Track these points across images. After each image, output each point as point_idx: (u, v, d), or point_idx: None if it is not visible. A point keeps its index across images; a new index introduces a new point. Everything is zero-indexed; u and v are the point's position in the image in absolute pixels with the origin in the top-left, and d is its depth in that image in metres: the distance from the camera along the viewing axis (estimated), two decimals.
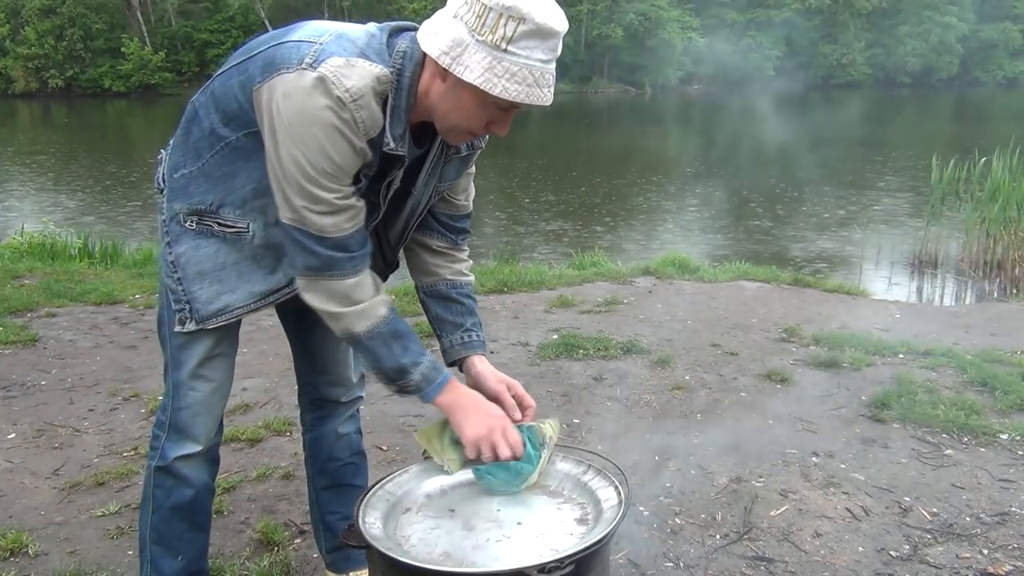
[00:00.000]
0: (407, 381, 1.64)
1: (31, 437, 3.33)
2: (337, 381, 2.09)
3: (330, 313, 1.61)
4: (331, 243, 1.55)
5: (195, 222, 1.70)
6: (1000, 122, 23.98)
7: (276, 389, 3.79)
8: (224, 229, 1.69)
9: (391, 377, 1.65)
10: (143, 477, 1.88)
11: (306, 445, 2.18)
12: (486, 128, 1.58)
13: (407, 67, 1.52)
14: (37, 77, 43.93)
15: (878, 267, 8.70)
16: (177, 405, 1.80)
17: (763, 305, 5.29)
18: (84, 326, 4.84)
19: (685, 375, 4.01)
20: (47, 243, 7.40)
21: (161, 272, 1.78)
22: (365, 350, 1.64)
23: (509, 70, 1.44)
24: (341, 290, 1.59)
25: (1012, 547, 2.53)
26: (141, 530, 1.89)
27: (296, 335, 2.05)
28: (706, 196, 13.59)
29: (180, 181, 1.70)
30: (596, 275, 6.18)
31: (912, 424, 3.40)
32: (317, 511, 2.21)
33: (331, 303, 1.60)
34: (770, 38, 50.62)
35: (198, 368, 1.78)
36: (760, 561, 2.46)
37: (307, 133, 1.47)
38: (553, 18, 1.45)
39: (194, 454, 1.83)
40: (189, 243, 1.71)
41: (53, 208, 12.73)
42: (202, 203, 1.68)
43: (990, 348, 4.36)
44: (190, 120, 1.69)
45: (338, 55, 1.47)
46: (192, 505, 1.87)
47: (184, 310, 1.74)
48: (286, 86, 1.47)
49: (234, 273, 1.72)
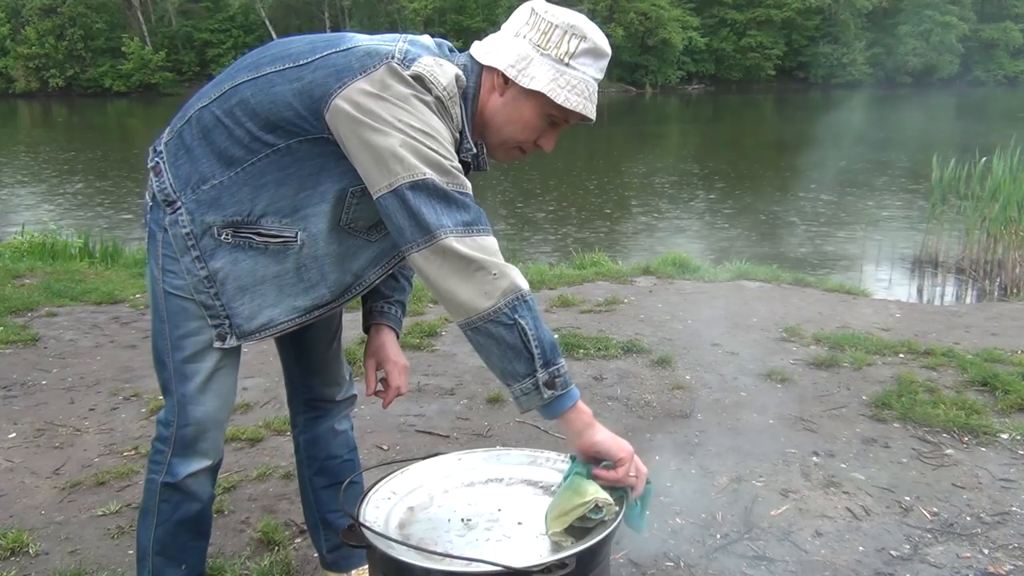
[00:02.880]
0: (560, 363, 1.49)
1: (32, 436, 3.33)
2: (332, 380, 2.07)
3: (495, 271, 1.46)
4: (472, 199, 1.52)
5: (231, 235, 1.62)
6: (1000, 122, 23.97)
7: (276, 389, 3.79)
8: (267, 240, 1.62)
9: (547, 354, 1.47)
10: (144, 488, 1.83)
11: (300, 447, 2.15)
12: (535, 143, 1.65)
13: (470, 77, 1.60)
14: (37, 77, 43.92)
15: (878, 266, 8.70)
16: (184, 421, 1.73)
17: (764, 305, 5.29)
18: (85, 326, 4.84)
19: (685, 375, 4.01)
20: (48, 243, 7.40)
21: (157, 285, 1.69)
22: (528, 314, 1.47)
23: (570, 82, 1.58)
24: (495, 245, 1.50)
25: (1013, 547, 2.53)
26: (141, 541, 1.84)
27: (288, 337, 1.97)
28: (705, 195, 13.59)
29: (210, 192, 1.61)
30: (596, 275, 6.18)
31: (913, 424, 3.40)
32: (316, 511, 2.19)
33: (495, 256, 1.48)
34: None
35: (206, 383, 1.72)
36: (760, 561, 2.46)
37: (415, 112, 1.49)
38: (605, 42, 1.63)
39: (203, 469, 1.79)
40: (226, 257, 1.63)
41: (54, 208, 12.74)
42: (238, 213, 1.61)
43: (990, 348, 4.36)
44: (208, 129, 1.61)
45: (427, 55, 1.53)
46: (198, 517, 1.84)
47: (223, 326, 1.68)
48: (383, 80, 1.49)
49: (274, 287, 1.67)
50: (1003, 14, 53.73)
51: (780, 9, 50.91)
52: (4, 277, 5.91)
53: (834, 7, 51.55)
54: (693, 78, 52.03)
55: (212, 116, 1.62)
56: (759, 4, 51.39)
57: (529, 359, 1.46)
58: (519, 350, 1.46)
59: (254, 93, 1.58)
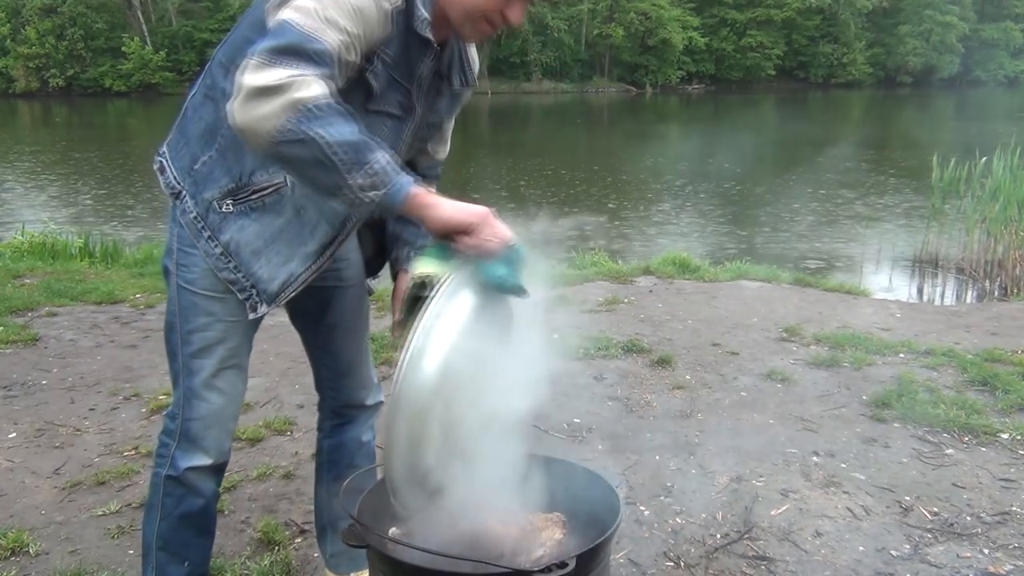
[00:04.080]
0: (373, 160, 1.38)
1: (32, 436, 3.33)
2: (362, 383, 2.07)
3: (268, 87, 1.35)
4: (316, 50, 1.40)
5: (231, 204, 1.66)
6: (1001, 121, 23.97)
7: (277, 388, 3.79)
8: (263, 196, 1.65)
9: (352, 156, 1.36)
10: (150, 483, 1.86)
11: (323, 450, 2.15)
12: (503, 16, 1.56)
13: None
14: (38, 76, 43.96)
15: (878, 266, 8.70)
16: (188, 415, 1.77)
17: (764, 304, 5.29)
18: (85, 325, 4.84)
19: (686, 375, 4.01)
20: (48, 242, 7.40)
21: (172, 279, 1.74)
22: (315, 122, 1.35)
23: None
24: (291, 70, 1.38)
25: (1013, 547, 2.53)
26: (146, 536, 1.87)
27: (315, 339, 2.01)
28: (705, 195, 13.59)
29: (203, 170, 1.66)
30: (596, 274, 6.18)
31: (913, 423, 3.40)
32: (327, 515, 2.20)
33: (285, 77, 1.36)
34: None
35: (212, 379, 1.75)
36: (761, 560, 2.46)
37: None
38: None
39: (205, 467, 1.80)
40: (233, 226, 1.67)
41: (54, 207, 12.74)
42: (232, 180, 1.65)
43: (991, 347, 4.36)
44: (194, 110, 1.68)
45: None
46: (201, 513, 1.86)
47: (251, 296, 1.71)
48: None
49: (283, 243, 1.69)
50: (1003, 14, 53.78)
51: (780, 9, 50.97)
52: (4, 277, 5.91)
53: (834, 7, 51.59)
54: (693, 78, 52.08)
55: (200, 97, 1.68)
56: (759, 4, 51.45)
57: (334, 169, 1.36)
58: (322, 163, 1.36)
59: (223, 50, 1.63)
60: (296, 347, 2.24)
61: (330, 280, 1.91)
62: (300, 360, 3.00)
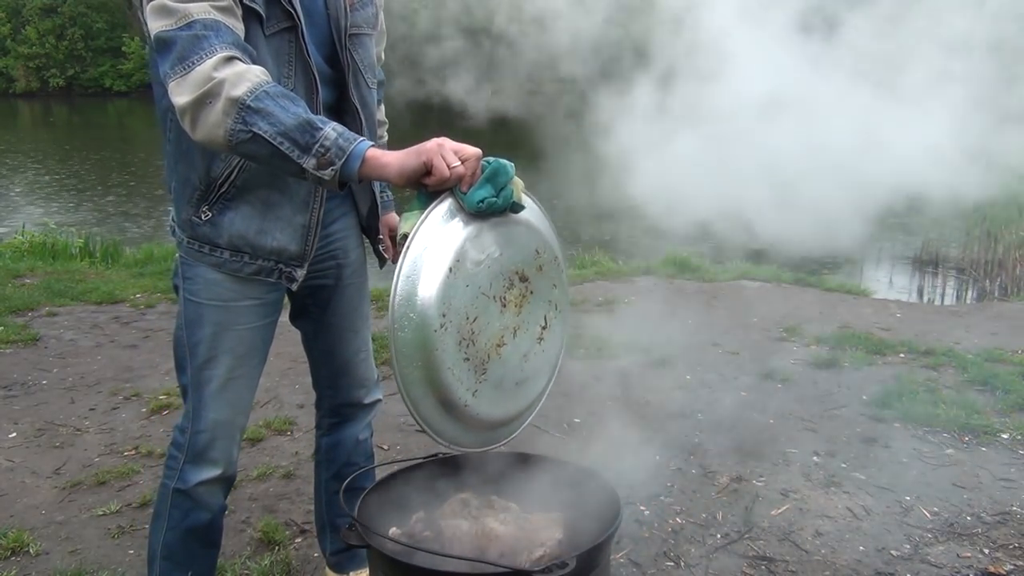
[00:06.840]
0: (321, 139, 1.40)
1: (32, 436, 3.33)
2: (359, 382, 2.07)
3: (196, 98, 1.39)
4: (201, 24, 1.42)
5: (207, 209, 1.66)
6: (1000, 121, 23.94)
7: (276, 388, 3.79)
8: (231, 183, 1.63)
9: (300, 141, 1.39)
10: (157, 492, 1.86)
11: (321, 448, 2.15)
12: None
13: None
14: (38, 76, 43.93)
15: (879, 266, 8.69)
16: (197, 427, 1.76)
17: (764, 304, 5.29)
18: (85, 325, 4.84)
19: (686, 374, 4.01)
20: (48, 242, 7.40)
21: (180, 292, 1.75)
22: (257, 117, 1.38)
23: None
24: (207, 68, 1.40)
25: (1013, 546, 2.53)
26: (152, 544, 1.87)
27: (314, 339, 2.02)
28: None
29: (175, 195, 1.70)
30: (596, 274, 6.18)
31: (913, 423, 3.40)
32: (325, 513, 2.20)
33: (209, 82, 1.39)
34: None
35: (220, 390, 1.75)
36: (761, 560, 2.46)
37: None
38: None
39: (214, 479, 1.80)
40: (224, 225, 1.67)
41: (54, 208, 12.73)
42: (196, 188, 1.65)
43: (991, 347, 4.36)
44: (163, 137, 1.71)
45: None
46: (208, 527, 1.86)
47: (280, 271, 1.73)
48: None
49: (272, 218, 1.69)
50: None
51: None
52: (4, 277, 5.91)
53: None
54: None
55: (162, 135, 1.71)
56: None
57: (288, 158, 1.40)
58: (276, 154, 1.40)
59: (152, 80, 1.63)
60: (296, 347, 2.23)
61: (331, 279, 1.91)
62: (300, 360, 3.00)
